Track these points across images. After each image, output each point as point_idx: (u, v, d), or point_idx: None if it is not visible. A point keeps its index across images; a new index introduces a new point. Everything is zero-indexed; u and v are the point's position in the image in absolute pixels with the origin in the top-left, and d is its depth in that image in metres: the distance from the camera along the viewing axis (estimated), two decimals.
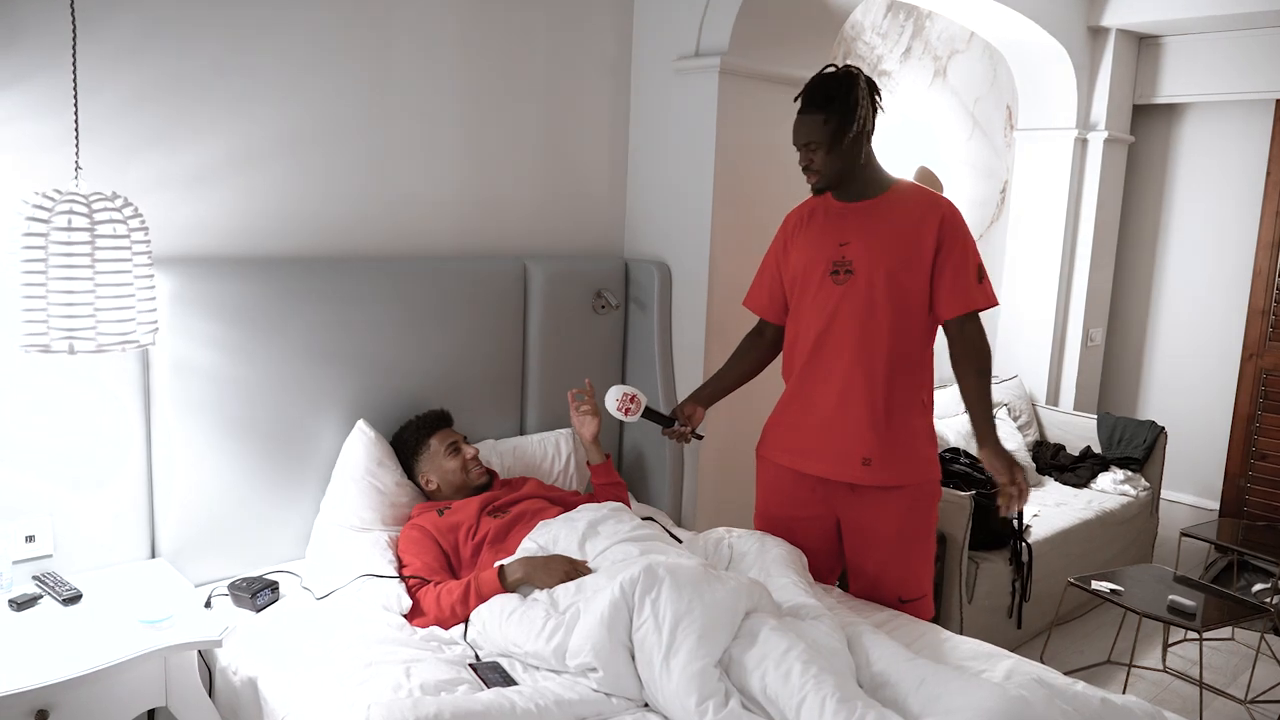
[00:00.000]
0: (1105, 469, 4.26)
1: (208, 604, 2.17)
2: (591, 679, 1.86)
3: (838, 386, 2.30)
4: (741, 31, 2.82)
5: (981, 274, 2.27)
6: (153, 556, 2.27)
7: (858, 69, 2.23)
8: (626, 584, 1.89)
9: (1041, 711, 1.58)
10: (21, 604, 1.95)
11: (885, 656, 1.82)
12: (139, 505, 2.24)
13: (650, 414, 2.49)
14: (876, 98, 2.24)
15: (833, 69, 2.24)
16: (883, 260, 2.24)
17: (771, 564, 2.24)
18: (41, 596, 1.99)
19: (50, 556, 2.12)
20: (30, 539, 2.09)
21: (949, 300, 2.25)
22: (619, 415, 2.44)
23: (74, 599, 1.99)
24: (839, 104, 2.19)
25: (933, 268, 2.24)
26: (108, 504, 2.20)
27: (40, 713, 1.72)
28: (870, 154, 2.30)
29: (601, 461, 2.69)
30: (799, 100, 2.25)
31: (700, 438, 2.56)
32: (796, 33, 2.95)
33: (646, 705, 1.86)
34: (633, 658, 1.86)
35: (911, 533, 2.34)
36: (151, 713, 2.18)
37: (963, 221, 2.27)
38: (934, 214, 2.24)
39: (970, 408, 2.30)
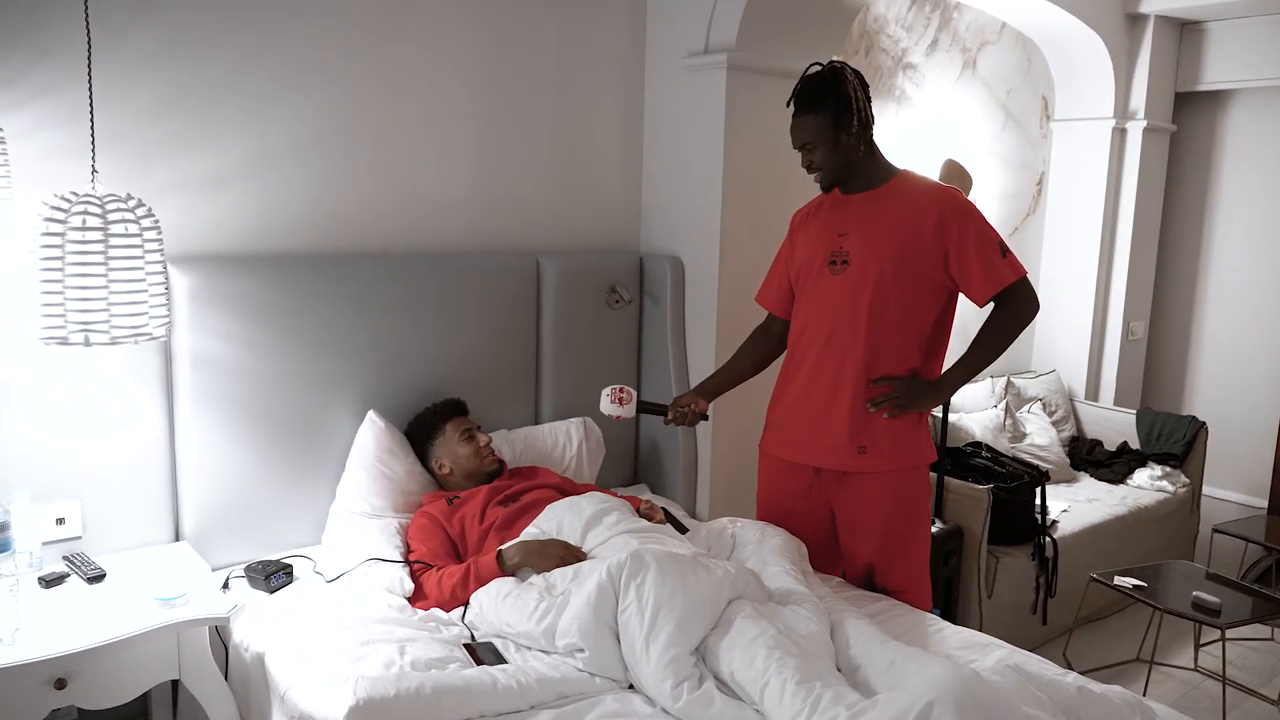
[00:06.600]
0: (1143, 465, 4.17)
1: (225, 585, 2.28)
2: (578, 659, 1.92)
3: (832, 375, 2.32)
4: (749, 28, 2.85)
5: (1004, 249, 2.25)
6: (176, 540, 2.40)
7: (843, 62, 2.25)
8: (614, 569, 1.95)
9: (997, 690, 1.58)
10: (49, 581, 2.08)
11: (861, 641, 1.85)
12: (163, 491, 2.37)
13: (645, 406, 2.53)
14: (866, 88, 2.26)
15: (818, 67, 2.26)
16: (879, 250, 2.25)
17: (769, 553, 2.28)
18: (69, 575, 2.12)
19: (79, 538, 2.26)
20: (61, 521, 2.23)
21: (981, 284, 2.23)
22: (613, 409, 2.48)
23: (98, 578, 2.12)
24: (830, 100, 2.21)
25: (946, 258, 2.23)
26: (134, 490, 2.33)
27: (59, 681, 1.85)
28: (872, 145, 2.31)
29: None
30: (790, 104, 2.28)
31: (705, 418, 2.56)
32: (805, 27, 2.96)
33: (631, 687, 1.91)
34: (618, 640, 1.92)
35: (899, 524, 2.35)
36: (175, 685, 2.30)
37: (969, 206, 2.27)
38: (935, 204, 2.24)
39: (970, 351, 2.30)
